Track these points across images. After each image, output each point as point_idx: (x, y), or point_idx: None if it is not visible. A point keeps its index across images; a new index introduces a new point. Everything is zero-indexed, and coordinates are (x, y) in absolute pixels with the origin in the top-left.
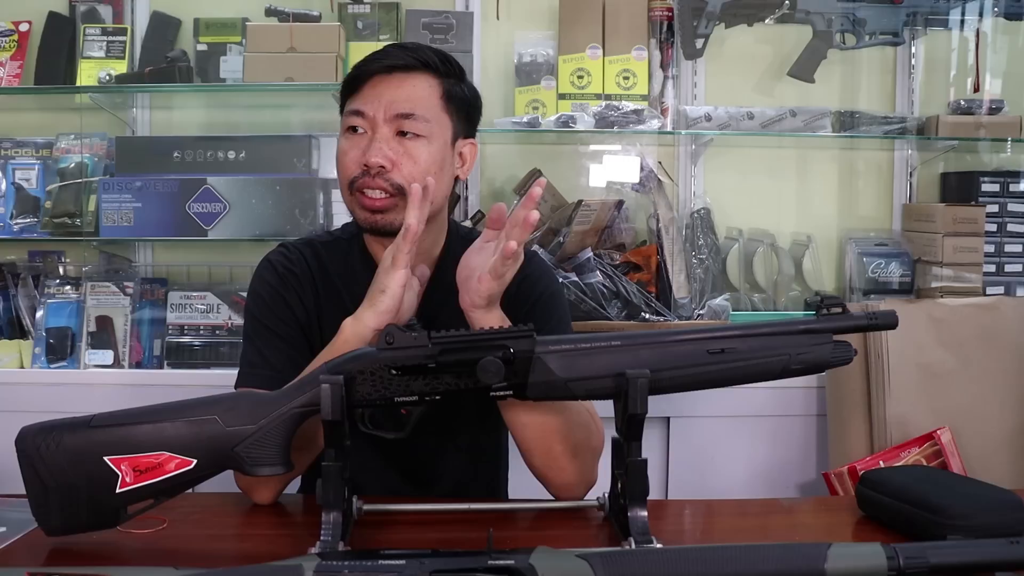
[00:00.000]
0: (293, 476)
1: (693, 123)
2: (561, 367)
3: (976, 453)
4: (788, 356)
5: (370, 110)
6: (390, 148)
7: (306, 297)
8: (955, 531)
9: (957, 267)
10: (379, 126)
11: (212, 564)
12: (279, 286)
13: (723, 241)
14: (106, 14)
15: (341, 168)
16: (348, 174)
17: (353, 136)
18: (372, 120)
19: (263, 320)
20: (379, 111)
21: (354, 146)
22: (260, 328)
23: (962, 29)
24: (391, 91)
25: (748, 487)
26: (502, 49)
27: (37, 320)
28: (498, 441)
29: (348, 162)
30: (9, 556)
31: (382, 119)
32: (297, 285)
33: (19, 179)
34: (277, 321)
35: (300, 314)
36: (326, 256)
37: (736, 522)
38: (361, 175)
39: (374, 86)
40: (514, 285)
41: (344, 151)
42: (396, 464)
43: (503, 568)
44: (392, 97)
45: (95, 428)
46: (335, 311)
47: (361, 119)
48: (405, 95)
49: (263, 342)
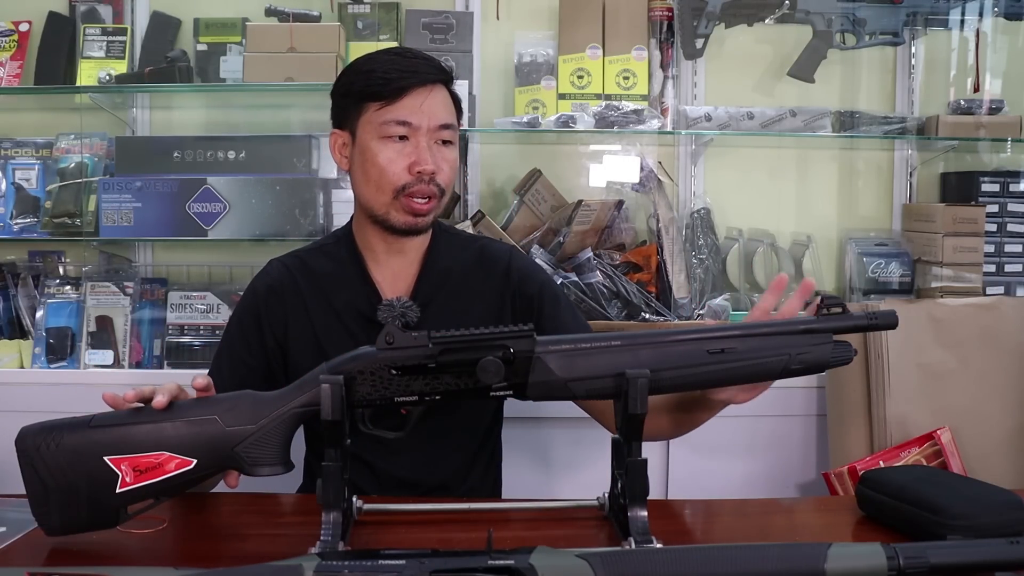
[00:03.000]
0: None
1: (693, 123)
2: (561, 367)
3: (976, 453)
4: (788, 356)
5: (417, 121)
6: (433, 155)
7: (291, 304)
8: (955, 531)
9: (957, 267)
10: (423, 135)
11: (212, 564)
12: (258, 310)
13: (723, 241)
14: (106, 14)
15: (384, 174)
16: (396, 181)
17: (397, 143)
18: (417, 130)
19: (231, 343)
20: (425, 122)
21: (400, 153)
22: (226, 348)
23: (962, 29)
24: (431, 103)
25: (748, 487)
26: (502, 49)
27: (37, 320)
28: (496, 440)
29: (397, 169)
30: (9, 556)
31: (426, 129)
32: (275, 298)
33: (19, 179)
34: (244, 348)
35: (277, 331)
36: (313, 264)
37: (736, 522)
38: (414, 182)
39: (416, 98)
40: (509, 280)
41: (391, 159)
42: (396, 464)
43: (503, 568)
44: (433, 109)
45: (95, 428)
46: (324, 312)
47: (407, 128)
48: (442, 107)
49: (225, 359)
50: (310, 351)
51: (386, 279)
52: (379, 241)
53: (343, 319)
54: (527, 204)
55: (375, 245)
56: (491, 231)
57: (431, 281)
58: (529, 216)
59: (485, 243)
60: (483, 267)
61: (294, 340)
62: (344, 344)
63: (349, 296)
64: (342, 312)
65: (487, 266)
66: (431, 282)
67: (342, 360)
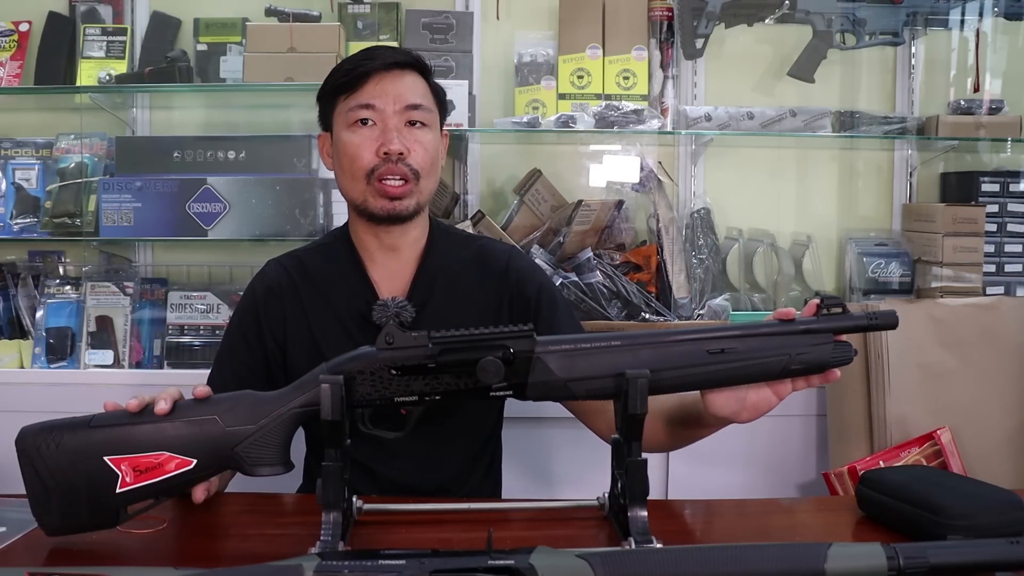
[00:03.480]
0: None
1: (693, 123)
2: (561, 367)
3: (976, 453)
4: (788, 356)
5: (380, 103)
6: (402, 136)
7: (289, 305)
8: (955, 531)
9: (957, 267)
10: (389, 117)
11: (212, 564)
12: (257, 312)
13: (723, 241)
14: (106, 14)
15: (354, 160)
16: (365, 164)
17: (362, 129)
18: (382, 112)
19: (232, 345)
20: (389, 103)
21: (366, 138)
22: (227, 350)
23: (962, 29)
24: (396, 85)
25: (748, 487)
26: (502, 49)
27: (37, 320)
28: (496, 440)
29: (364, 153)
30: (9, 556)
31: (392, 111)
32: (274, 299)
33: (19, 179)
34: (244, 349)
35: (276, 332)
36: (309, 262)
37: (736, 522)
38: (382, 164)
39: (377, 82)
40: (507, 280)
41: (356, 144)
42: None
43: (503, 568)
44: (398, 90)
45: (95, 428)
46: (321, 312)
47: (371, 111)
48: (409, 88)
49: (227, 360)
50: (307, 351)
51: (383, 278)
52: (371, 237)
53: (340, 319)
54: (527, 204)
55: (368, 242)
56: (491, 231)
57: (427, 281)
58: (529, 216)
59: (484, 243)
60: (481, 267)
61: (292, 340)
62: (341, 344)
63: (346, 296)
64: (339, 312)
65: (485, 266)
66: (427, 282)
67: (342, 360)
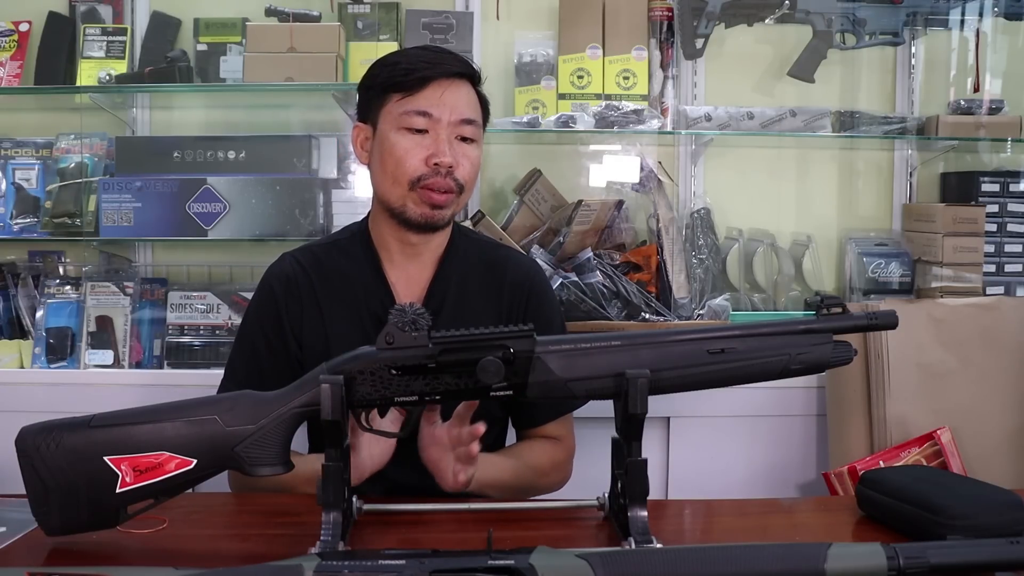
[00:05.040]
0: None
1: (693, 123)
2: (561, 367)
3: (976, 453)
4: (788, 356)
5: (437, 112)
6: (452, 149)
7: (306, 302)
8: (955, 531)
9: (957, 267)
10: (442, 128)
11: (212, 564)
12: (277, 304)
13: (723, 241)
14: (106, 14)
15: (400, 164)
16: (412, 172)
17: (415, 135)
18: (437, 122)
19: (251, 341)
20: (445, 114)
21: (418, 145)
22: (248, 347)
23: (962, 29)
24: (453, 96)
25: (748, 487)
26: (502, 49)
27: (37, 320)
28: (497, 440)
29: (412, 160)
30: (9, 556)
31: (447, 122)
32: (291, 296)
33: (19, 179)
34: (264, 345)
35: (295, 326)
36: (325, 259)
37: (736, 522)
38: (430, 174)
39: (437, 90)
40: (521, 299)
41: (406, 149)
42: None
43: (503, 568)
44: (456, 103)
45: (95, 428)
46: (336, 310)
47: (426, 120)
48: (465, 101)
49: (248, 358)
50: (320, 349)
51: (400, 281)
52: (394, 240)
53: (355, 318)
54: (527, 204)
55: (390, 244)
56: (491, 231)
57: (444, 287)
58: (529, 216)
59: (508, 253)
60: (497, 277)
61: (308, 336)
62: (355, 343)
63: (363, 296)
64: (354, 311)
65: (502, 277)
66: (444, 288)
67: (342, 360)
